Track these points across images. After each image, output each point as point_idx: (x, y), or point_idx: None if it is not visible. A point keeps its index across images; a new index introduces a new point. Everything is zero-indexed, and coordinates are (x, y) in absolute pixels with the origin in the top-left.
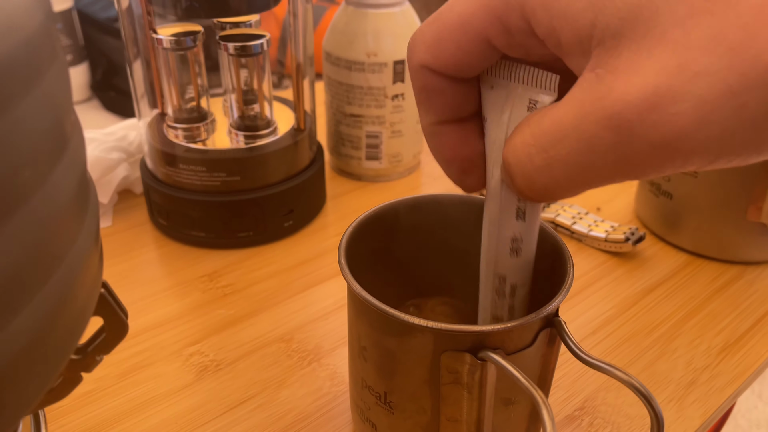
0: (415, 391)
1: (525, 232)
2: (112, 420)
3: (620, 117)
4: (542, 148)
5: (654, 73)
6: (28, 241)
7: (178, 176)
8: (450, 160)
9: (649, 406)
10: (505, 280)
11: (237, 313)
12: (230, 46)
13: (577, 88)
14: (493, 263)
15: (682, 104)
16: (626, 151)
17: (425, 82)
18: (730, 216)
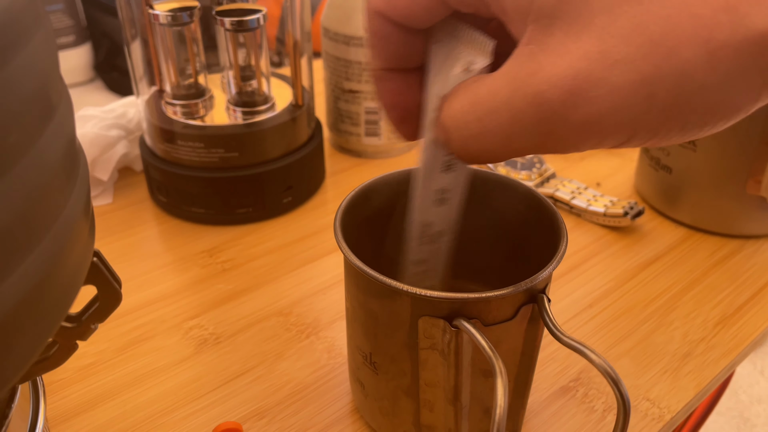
0: (396, 354)
1: (453, 184)
2: (112, 392)
3: (544, 96)
4: (477, 117)
5: (578, 58)
6: (16, 205)
7: (177, 153)
8: (391, 106)
9: (617, 391)
10: (431, 226)
11: (236, 288)
12: (226, 21)
13: (511, 61)
14: (421, 211)
15: (599, 90)
16: (548, 128)
17: (378, 28)
18: (730, 189)
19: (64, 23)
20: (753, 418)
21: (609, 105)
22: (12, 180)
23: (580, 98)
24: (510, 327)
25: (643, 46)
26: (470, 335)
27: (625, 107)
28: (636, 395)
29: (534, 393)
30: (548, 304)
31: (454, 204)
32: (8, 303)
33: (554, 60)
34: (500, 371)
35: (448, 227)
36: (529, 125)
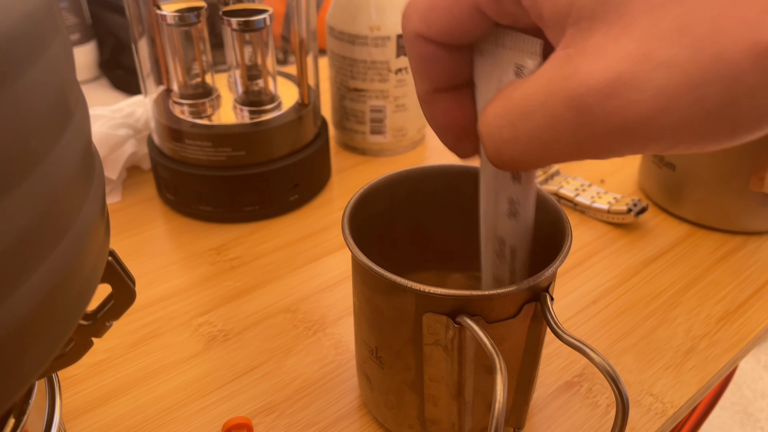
0: (401, 349)
1: (521, 194)
2: (124, 387)
3: (583, 99)
4: (510, 122)
5: (619, 60)
6: (37, 207)
7: (185, 152)
8: (445, 127)
9: (616, 389)
10: (504, 243)
11: (244, 285)
12: (233, 21)
13: (548, 65)
14: (492, 226)
15: (643, 93)
16: (587, 133)
17: (420, 51)
18: (733, 186)
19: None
20: (757, 413)
21: (653, 108)
22: (33, 184)
23: (621, 101)
24: (513, 324)
25: (689, 48)
26: (473, 332)
27: (670, 111)
28: (639, 390)
29: (539, 388)
30: (551, 303)
31: (526, 217)
32: (29, 302)
33: (594, 62)
34: (500, 367)
35: (521, 242)
36: (565, 131)
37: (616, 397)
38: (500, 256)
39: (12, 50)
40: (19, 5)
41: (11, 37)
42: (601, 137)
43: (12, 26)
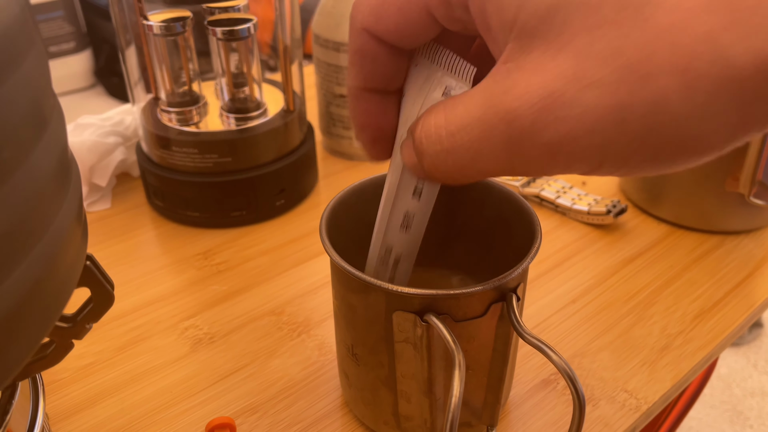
0: (374, 346)
1: (418, 210)
2: (111, 390)
3: (516, 113)
4: (450, 132)
5: (552, 78)
6: (12, 213)
7: (172, 158)
8: (364, 126)
9: (573, 389)
10: (390, 252)
11: (230, 289)
12: (218, 30)
13: (489, 78)
14: (383, 234)
15: (571, 110)
16: (516, 147)
17: (362, 45)
18: (710, 187)
19: (64, 30)
20: (746, 411)
21: (579, 127)
22: (8, 191)
23: (550, 117)
24: (481, 323)
25: (619, 71)
26: (437, 329)
27: (595, 131)
28: (614, 387)
29: (516, 386)
30: (516, 303)
31: (417, 231)
32: (5, 304)
33: (529, 77)
34: (459, 364)
35: (407, 253)
36: (498, 143)
37: (573, 396)
38: (384, 263)
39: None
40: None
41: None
42: (529, 152)
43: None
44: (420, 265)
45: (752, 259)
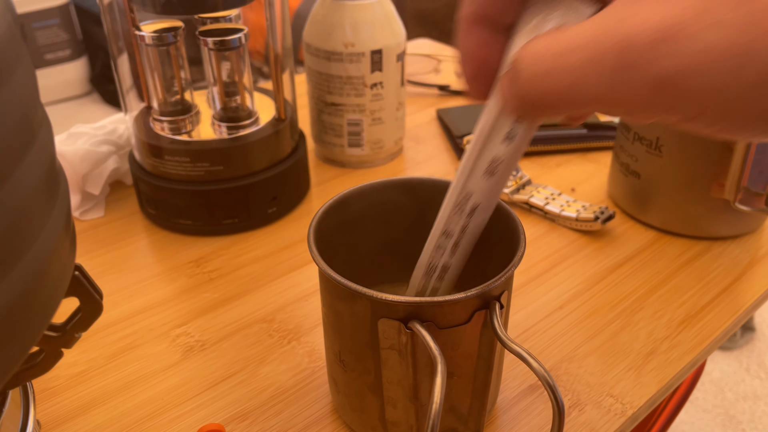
0: (360, 352)
1: (507, 156)
2: (103, 397)
3: (630, 41)
4: (553, 54)
5: (678, 10)
6: (2, 223)
7: (164, 167)
8: (469, 58)
9: (553, 397)
10: (469, 198)
11: (222, 296)
12: (209, 41)
13: (607, 10)
14: (465, 177)
15: (689, 46)
16: (622, 76)
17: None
18: (695, 193)
19: (60, 37)
20: (738, 415)
21: (693, 65)
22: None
23: (666, 49)
24: (465, 331)
25: (747, 16)
26: (420, 336)
27: (708, 73)
28: (600, 392)
29: (503, 391)
30: (499, 311)
31: (501, 180)
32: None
33: (652, 7)
34: (440, 371)
35: (486, 204)
36: (605, 70)
37: (553, 404)
38: (460, 210)
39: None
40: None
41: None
42: (634, 84)
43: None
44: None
45: (738, 265)
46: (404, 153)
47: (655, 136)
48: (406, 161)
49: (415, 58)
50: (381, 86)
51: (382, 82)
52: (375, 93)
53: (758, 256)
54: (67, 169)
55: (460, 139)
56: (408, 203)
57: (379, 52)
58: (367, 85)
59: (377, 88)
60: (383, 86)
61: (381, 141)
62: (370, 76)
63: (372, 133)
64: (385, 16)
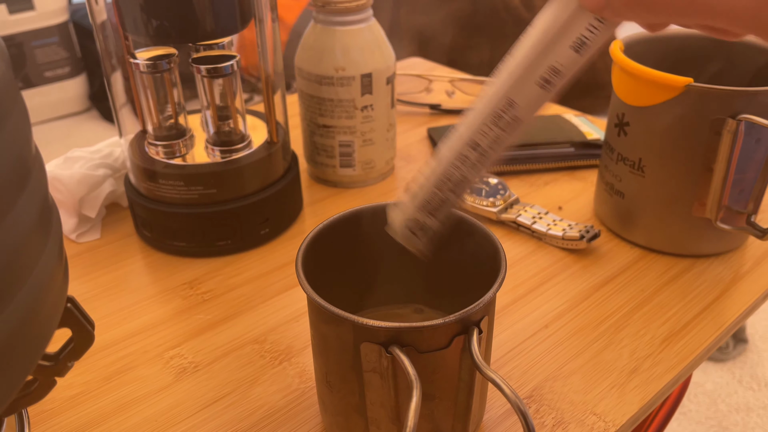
0: (345, 374)
1: (569, 67)
2: (97, 420)
3: None
4: None
5: None
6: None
7: (159, 190)
8: None
9: (524, 423)
10: (512, 106)
11: (215, 318)
12: (202, 68)
13: None
14: (512, 81)
15: None
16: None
17: None
18: (678, 212)
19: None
20: (731, 427)
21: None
22: None
23: None
24: (445, 355)
25: None
26: (399, 360)
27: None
28: (584, 410)
29: (489, 411)
30: (477, 336)
31: (551, 94)
32: None
33: None
34: (415, 395)
35: (528, 117)
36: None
37: (525, 430)
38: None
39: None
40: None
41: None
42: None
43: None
44: (394, 303)
45: (721, 282)
46: (396, 172)
47: (637, 156)
48: (397, 180)
49: (406, 78)
50: (371, 108)
51: (373, 104)
52: (365, 115)
53: (741, 273)
54: (64, 193)
55: None
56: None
57: (369, 75)
58: (357, 108)
59: (368, 111)
60: (374, 108)
61: (372, 161)
62: (361, 98)
63: (363, 153)
64: (375, 41)
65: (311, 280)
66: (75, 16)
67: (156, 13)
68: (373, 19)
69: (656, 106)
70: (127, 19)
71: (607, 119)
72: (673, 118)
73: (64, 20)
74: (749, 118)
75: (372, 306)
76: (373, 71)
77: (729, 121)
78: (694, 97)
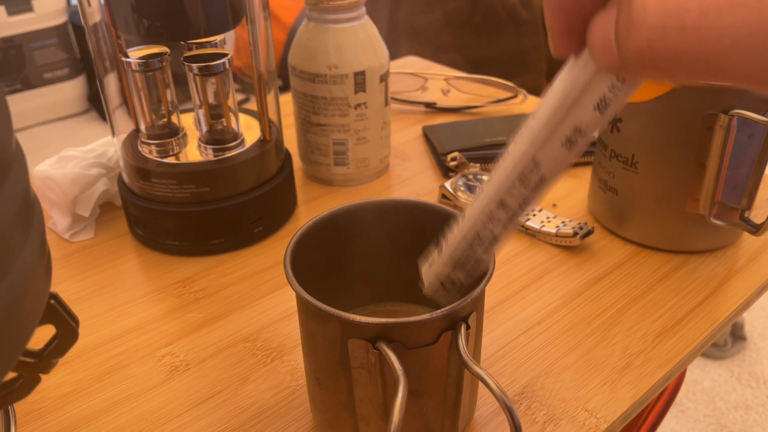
0: (334, 371)
1: (592, 126)
2: (88, 418)
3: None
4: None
5: None
6: None
7: (152, 189)
8: (561, 8)
9: (510, 419)
10: (538, 168)
11: (207, 316)
12: (194, 66)
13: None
14: (539, 145)
15: None
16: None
17: None
18: (671, 208)
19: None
20: (730, 425)
21: None
22: None
23: None
24: (432, 351)
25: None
26: (386, 356)
27: None
28: (576, 406)
29: (480, 407)
30: (465, 332)
31: (577, 152)
32: None
33: None
34: (401, 390)
35: (553, 176)
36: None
37: (510, 426)
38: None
39: None
40: None
41: None
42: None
43: None
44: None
45: (715, 278)
46: (390, 170)
47: (630, 153)
48: (392, 179)
49: (401, 77)
50: (365, 106)
51: (366, 102)
52: (359, 113)
53: (735, 269)
54: (57, 192)
55: (444, 157)
56: (388, 225)
57: (362, 73)
58: (351, 106)
59: (361, 109)
60: (367, 106)
61: (366, 159)
62: (354, 97)
63: (357, 152)
64: (368, 39)
65: (300, 277)
66: (74, 18)
67: (147, 12)
68: (366, 17)
69: (649, 102)
70: (118, 18)
71: None
72: (666, 114)
73: (62, 22)
74: (741, 113)
75: (361, 304)
76: (366, 69)
77: (721, 117)
78: (687, 92)
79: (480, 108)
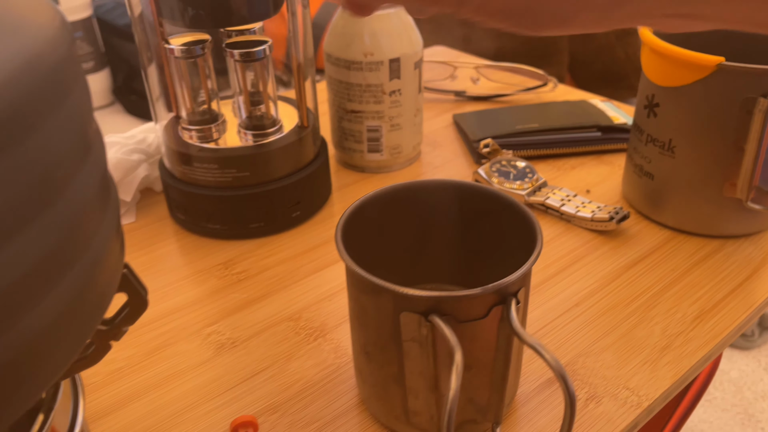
0: (384, 344)
1: None
2: (140, 392)
3: None
4: None
5: None
6: (61, 228)
7: (193, 174)
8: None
9: (565, 388)
10: None
11: (250, 297)
12: (235, 52)
13: None
14: None
15: None
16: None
17: None
18: (708, 193)
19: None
20: (757, 414)
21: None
22: (59, 209)
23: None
24: (483, 325)
25: None
26: (440, 329)
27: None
28: (617, 385)
29: (523, 384)
30: (515, 306)
31: None
32: (55, 309)
33: None
34: (457, 362)
35: None
36: None
37: (564, 393)
38: None
39: (38, 101)
40: (48, 57)
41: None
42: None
43: (38, 79)
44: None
45: (751, 262)
46: (422, 158)
47: (668, 137)
48: (423, 165)
49: (431, 65)
50: (399, 93)
51: (400, 89)
52: (393, 100)
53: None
54: None
55: (476, 143)
56: (442, 206)
57: (397, 60)
58: (385, 93)
59: (395, 95)
60: (401, 93)
61: (399, 146)
62: (389, 83)
63: (391, 138)
64: (403, 26)
65: (350, 252)
66: (98, 12)
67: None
68: None
69: (687, 87)
70: (163, 5)
71: (636, 101)
72: (704, 98)
73: (87, 15)
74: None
75: (407, 284)
76: (401, 56)
77: (761, 100)
78: (726, 76)
79: (510, 96)
